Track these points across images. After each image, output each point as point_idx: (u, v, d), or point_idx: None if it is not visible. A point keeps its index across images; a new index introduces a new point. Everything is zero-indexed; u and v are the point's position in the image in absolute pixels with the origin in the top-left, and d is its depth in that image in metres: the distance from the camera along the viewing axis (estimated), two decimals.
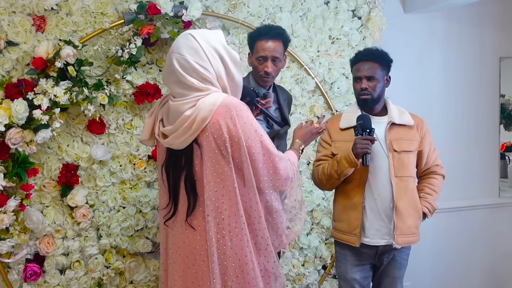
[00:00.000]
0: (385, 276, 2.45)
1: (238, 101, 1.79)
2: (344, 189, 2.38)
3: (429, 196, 2.44)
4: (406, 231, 2.32)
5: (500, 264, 3.80)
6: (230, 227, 1.77)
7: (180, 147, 1.80)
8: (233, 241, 1.77)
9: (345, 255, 2.42)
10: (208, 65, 1.77)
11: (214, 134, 1.74)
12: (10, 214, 2.30)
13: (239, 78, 1.87)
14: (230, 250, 1.77)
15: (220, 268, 1.78)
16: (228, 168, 1.76)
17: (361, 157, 2.22)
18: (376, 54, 2.36)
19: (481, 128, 3.71)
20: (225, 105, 1.74)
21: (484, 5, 3.58)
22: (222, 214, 1.76)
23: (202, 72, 1.76)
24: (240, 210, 1.77)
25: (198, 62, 1.75)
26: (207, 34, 1.82)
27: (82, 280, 2.58)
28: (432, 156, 2.47)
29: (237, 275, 1.79)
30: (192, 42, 1.77)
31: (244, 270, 1.78)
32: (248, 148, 1.75)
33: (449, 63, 3.60)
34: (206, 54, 1.77)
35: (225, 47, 1.82)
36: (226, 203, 1.76)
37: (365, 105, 2.36)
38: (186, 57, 1.76)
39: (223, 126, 1.73)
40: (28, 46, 2.38)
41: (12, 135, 2.27)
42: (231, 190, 1.76)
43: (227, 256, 1.77)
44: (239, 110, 1.75)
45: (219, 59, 1.79)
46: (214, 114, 1.73)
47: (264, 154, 1.78)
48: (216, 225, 1.76)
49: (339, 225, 2.41)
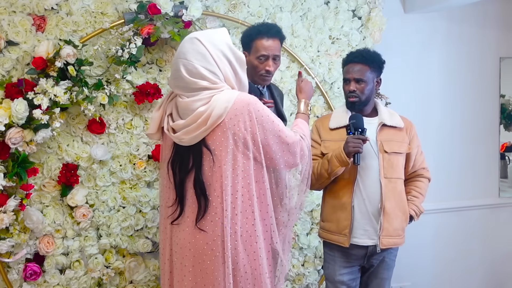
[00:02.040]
0: (373, 277, 2.44)
1: (252, 96, 1.83)
2: (333, 189, 2.37)
3: (416, 199, 2.45)
4: (392, 232, 2.32)
5: (500, 264, 3.80)
6: (243, 229, 1.82)
7: (189, 143, 1.81)
8: (246, 244, 1.82)
9: (334, 256, 2.41)
10: (216, 69, 1.79)
11: (232, 130, 1.76)
12: (10, 213, 2.30)
13: (245, 78, 1.90)
14: (243, 252, 1.82)
15: (233, 271, 1.81)
16: (247, 162, 1.80)
17: (353, 156, 2.22)
18: (367, 56, 2.35)
19: (481, 128, 3.71)
20: (240, 101, 1.77)
21: (484, 5, 3.58)
22: (237, 216, 1.80)
23: (209, 77, 1.77)
24: (254, 207, 1.83)
25: (206, 67, 1.77)
26: (213, 37, 1.82)
27: (82, 279, 2.58)
28: (419, 159, 2.48)
29: (247, 278, 1.83)
30: (198, 46, 1.78)
31: (254, 275, 1.84)
32: (266, 140, 1.81)
33: (449, 63, 3.60)
34: (214, 58, 1.78)
35: (231, 49, 1.83)
36: (245, 201, 1.82)
37: (353, 107, 2.37)
38: (193, 63, 1.77)
39: (241, 122, 1.76)
40: (28, 45, 2.38)
41: (12, 135, 2.27)
42: (250, 183, 1.82)
43: (240, 258, 1.81)
44: (255, 104, 1.80)
45: (226, 62, 1.81)
46: (230, 110, 1.75)
47: (282, 143, 1.86)
48: (233, 225, 1.80)
49: (327, 225, 2.40)
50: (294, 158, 1.90)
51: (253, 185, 1.82)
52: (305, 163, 1.99)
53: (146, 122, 2.65)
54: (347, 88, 2.36)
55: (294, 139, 1.89)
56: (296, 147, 1.89)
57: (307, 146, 1.98)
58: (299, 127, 2.05)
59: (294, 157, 1.90)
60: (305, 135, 2.00)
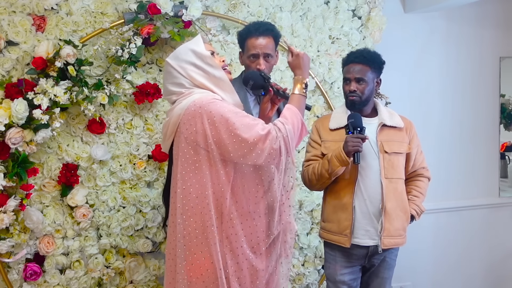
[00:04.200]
0: (374, 277, 2.44)
1: (206, 98, 1.81)
2: (334, 189, 2.37)
3: (417, 198, 2.45)
4: (393, 232, 2.32)
5: (500, 264, 3.80)
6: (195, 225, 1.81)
7: (165, 151, 1.98)
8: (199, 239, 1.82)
9: (335, 256, 2.40)
10: (181, 79, 1.87)
11: (184, 134, 1.81)
12: (10, 213, 2.30)
13: (219, 72, 1.89)
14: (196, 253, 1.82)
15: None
16: (201, 164, 1.81)
17: (352, 155, 2.22)
18: (368, 56, 2.35)
19: (481, 128, 3.71)
20: (193, 105, 1.80)
21: (484, 5, 3.58)
22: (188, 211, 1.81)
23: (175, 90, 1.90)
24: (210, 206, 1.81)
25: (172, 82, 1.90)
26: (178, 50, 1.91)
27: (82, 279, 2.58)
28: (419, 159, 2.48)
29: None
30: (167, 67, 1.92)
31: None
32: (222, 140, 1.76)
33: (449, 63, 3.60)
34: (177, 70, 1.88)
35: (193, 51, 1.88)
36: (193, 200, 1.81)
37: (353, 107, 2.36)
38: (164, 84, 1.94)
39: (192, 126, 1.79)
40: (28, 45, 2.38)
41: (12, 135, 2.27)
42: (206, 182, 1.80)
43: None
44: (207, 106, 1.78)
45: (191, 67, 1.87)
46: (184, 116, 1.81)
47: (241, 141, 1.75)
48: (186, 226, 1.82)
49: (328, 225, 2.40)
50: (257, 154, 1.76)
51: (209, 190, 1.79)
52: (276, 156, 1.80)
53: (146, 122, 2.65)
54: (347, 88, 2.36)
55: (254, 135, 1.75)
56: (258, 142, 1.75)
57: (286, 136, 1.80)
58: (283, 115, 1.87)
59: (256, 153, 1.76)
60: (286, 125, 1.82)
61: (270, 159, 1.79)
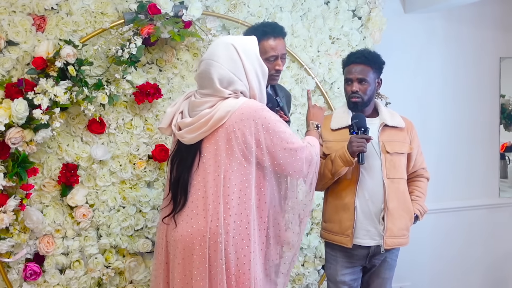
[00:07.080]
0: (375, 277, 2.44)
1: (260, 104, 1.88)
2: (335, 190, 2.37)
3: (420, 198, 2.45)
4: (396, 232, 2.32)
5: (500, 264, 3.80)
6: (236, 231, 1.83)
7: (189, 142, 1.88)
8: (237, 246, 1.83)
9: (336, 257, 2.40)
10: (245, 79, 1.86)
11: (235, 134, 1.81)
12: (10, 213, 2.30)
13: (265, 91, 1.98)
14: (233, 254, 1.83)
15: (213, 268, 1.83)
16: (248, 167, 1.83)
17: (357, 155, 2.22)
18: (369, 57, 2.35)
19: (481, 129, 3.71)
20: (247, 107, 1.83)
21: (484, 5, 3.58)
22: (231, 218, 1.81)
23: (237, 86, 1.85)
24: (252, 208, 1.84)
25: (236, 75, 1.85)
26: (248, 46, 1.91)
27: (82, 279, 2.58)
28: (419, 159, 2.48)
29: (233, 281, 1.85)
30: (232, 54, 1.86)
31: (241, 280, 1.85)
32: (273, 147, 1.84)
33: (449, 63, 3.60)
34: (245, 69, 1.86)
35: (259, 62, 1.92)
36: (240, 205, 1.83)
37: (355, 107, 2.37)
38: (224, 68, 1.85)
39: (246, 127, 1.80)
40: (28, 45, 2.38)
41: (12, 135, 2.27)
42: (248, 187, 1.84)
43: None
44: (262, 111, 1.84)
45: (255, 76, 1.89)
46: (234, 114, 1.81)
47: (290, 149, 1.87)
48: (225, 225, 1.81)
49: (330, 226, 2.40)
50: (301, 164, 1.91)
51: (252, 190, 1.84)
52: (313, 170, 1.99)
53: (146, 122, 2.65)
54: (349, 89, 2.36)
55: (301, 145, 1.91)
56: (303, 152, 1.91)
57: (316, 153, 2.00)
58: (307, 139, 2.08)
59: (301, 163, 1.91)
60: (314, 145, 2.02)
61: (306, 167, 1.92)
